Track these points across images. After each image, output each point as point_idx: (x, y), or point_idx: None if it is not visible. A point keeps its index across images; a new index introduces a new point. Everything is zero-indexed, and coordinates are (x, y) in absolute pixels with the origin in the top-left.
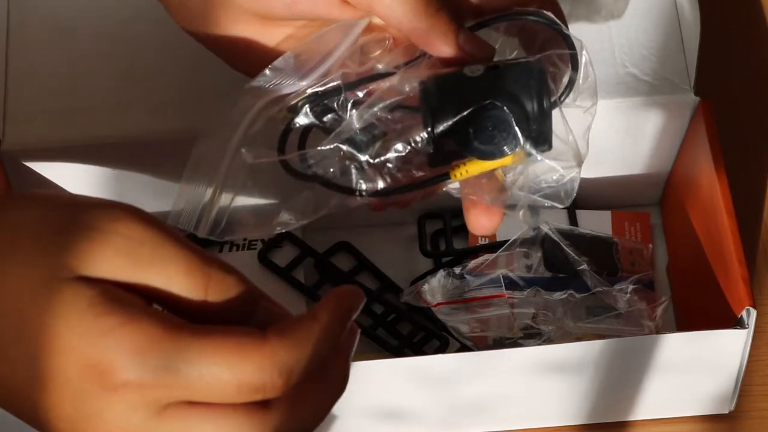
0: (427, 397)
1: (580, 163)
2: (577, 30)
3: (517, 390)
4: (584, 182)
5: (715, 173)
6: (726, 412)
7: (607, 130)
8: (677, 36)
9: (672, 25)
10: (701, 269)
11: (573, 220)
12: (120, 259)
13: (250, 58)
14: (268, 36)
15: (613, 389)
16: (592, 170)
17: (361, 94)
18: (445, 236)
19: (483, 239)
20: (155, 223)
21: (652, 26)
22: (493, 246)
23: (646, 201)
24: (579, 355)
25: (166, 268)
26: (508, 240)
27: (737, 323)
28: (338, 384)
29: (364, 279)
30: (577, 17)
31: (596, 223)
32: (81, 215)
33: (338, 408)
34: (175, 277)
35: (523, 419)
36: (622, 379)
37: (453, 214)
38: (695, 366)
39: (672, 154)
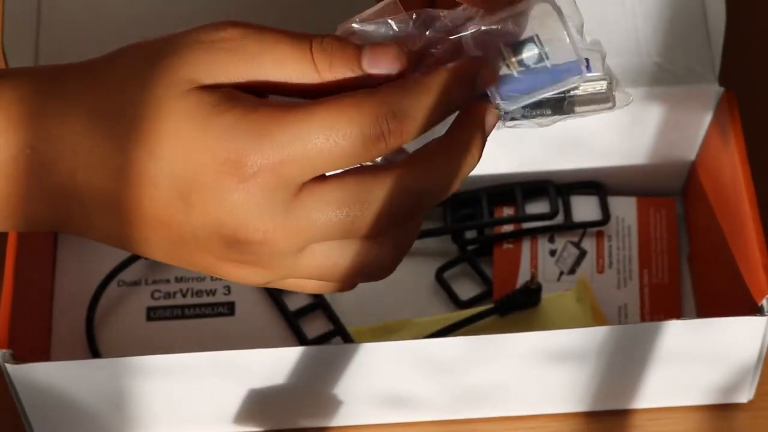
0: (431, 383)
1: None
2: (602, 20)
3: (522, 377)
4: (608, 170)
5: (738, 163)
6: (744, 401)
7: (631, 119)
8: (703, 26)
9: (697, 16)
10: (722, 258)
11: (605, 207)
12: (231, 59)
13: None
14: None
15: (628, 376)
16: (615, 158)
17: None
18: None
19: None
20: (252, 23)
21: (678, 16)
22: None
23: (669, 190)
24: (589, 341)
25: (274, 51)
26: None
27: (757, 311)
28: (467, 150)
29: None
30: (604, 4)
31: (622, 208)
32: (184, 37)
33: (344, 393)
34: (287, 57)
35: (528, 405)
36: (638, 366)
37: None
38: (714, 353)
39: (695, 144)
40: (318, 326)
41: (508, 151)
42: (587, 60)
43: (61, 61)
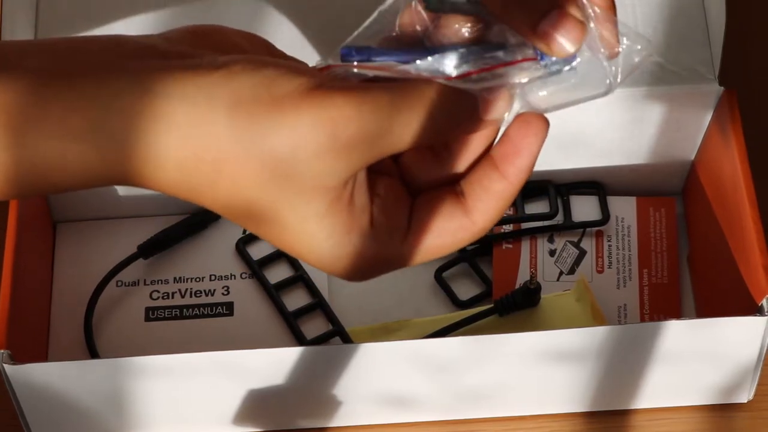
0: (431, 383)
1: None
2: None
3: (522, 377)
4: (607, 170)
5: (738, 163)
6: (744, 401)
7: (631, 118)
8: (703, 26)
9: (698, 15)
10: (722, 258)
11: (604, 206)
12: (344, 164)
13: None
14: None
15: (628, 376)
16: (615, 158)
17: None
18: None
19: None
20: (354, 100)
21: (678, 16)
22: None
23: (669, 190)
24: (589, 342)
25: (393, 132)
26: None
27: (757, 311)
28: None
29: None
30: None
31: (621, 208)
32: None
33: (343, 393)
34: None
35: (528, 405)
36: (638, 366)
37: None
38: (714, 353)
39: (695, 144)
40: (317, 326)
41: None
42: None
43: None
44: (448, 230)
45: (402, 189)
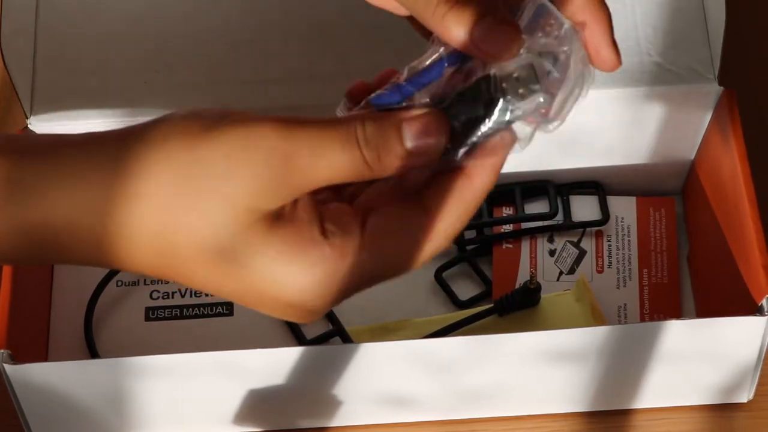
0: (431, 383)
1: None
2: None
3: (522, 377)
4: (607, 170)
5: (737, 162)
6: (744, 400)
7: (630, 118)
8: (702, 26)
9: (697, 15)
10: (722, 258)
11: (604, 206)
12: (286, 180)
13: None
14: None
15: (628, 376)
16: (615, 158)
17: None
18: None
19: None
20: (284, 124)
21: (678, 16)
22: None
23: (669, 190)
24: (589, 341)
25: (326, 157)
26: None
27: (757, 311)
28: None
29: None
30: None
31: (621, 208)
32: (230, 162)
33: (343, 393)
34: (339, 163)
35: (528, 405)
36: (638, 366)
37: None
38: (714, 353)
39: (695, 144)
40: (317, 326)
41: None
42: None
43: (59, 59)
44: (405, 231)
45: (348, 205)
